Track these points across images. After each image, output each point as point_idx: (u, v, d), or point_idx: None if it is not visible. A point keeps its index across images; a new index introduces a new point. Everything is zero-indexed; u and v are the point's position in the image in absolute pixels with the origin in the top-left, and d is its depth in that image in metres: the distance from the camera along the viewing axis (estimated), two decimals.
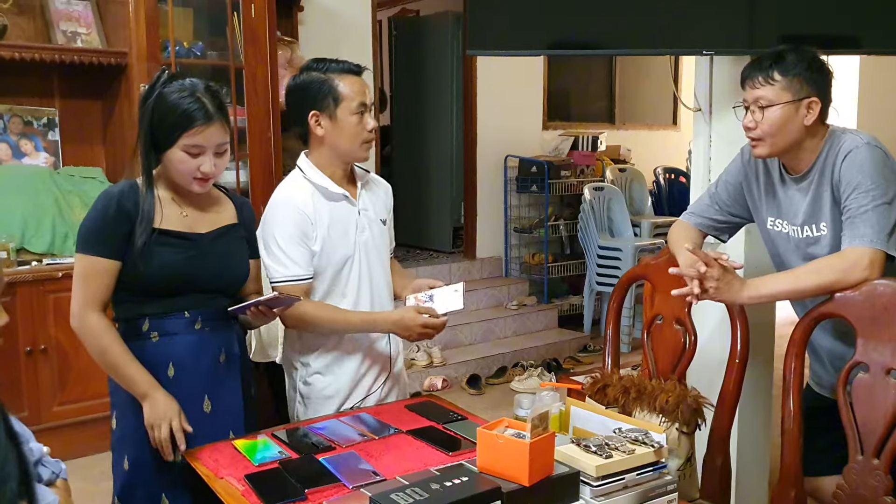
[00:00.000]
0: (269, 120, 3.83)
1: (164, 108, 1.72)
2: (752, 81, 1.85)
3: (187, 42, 3.72)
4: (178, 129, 1.71)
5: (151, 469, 1.77)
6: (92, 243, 1.74)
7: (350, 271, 2.05)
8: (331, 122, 1.99)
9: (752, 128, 1.85)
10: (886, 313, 1.66)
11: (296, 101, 2.04)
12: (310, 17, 4.64)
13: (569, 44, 2.62)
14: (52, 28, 3.59)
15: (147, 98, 1.74)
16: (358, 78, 2.01)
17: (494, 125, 5.78)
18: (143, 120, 1.74)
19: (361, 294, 2.07)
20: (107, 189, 1.81)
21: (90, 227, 1.75)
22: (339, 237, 2.03)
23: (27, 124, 3.65)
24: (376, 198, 2.15)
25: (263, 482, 1.56)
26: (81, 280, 1.75)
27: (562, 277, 5.86)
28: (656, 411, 1.72)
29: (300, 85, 2.02)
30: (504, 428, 1.44)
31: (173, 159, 1.74)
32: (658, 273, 2.10)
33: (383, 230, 2.14)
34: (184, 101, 1.71)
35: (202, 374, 1.81)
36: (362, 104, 1.99)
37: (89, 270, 1.74)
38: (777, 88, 1.81)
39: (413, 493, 1.30)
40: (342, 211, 2.04)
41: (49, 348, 3.33)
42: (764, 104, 1.82)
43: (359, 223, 2.06)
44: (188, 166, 1.74)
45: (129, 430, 1.78)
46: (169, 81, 1.74)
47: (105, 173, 3.77)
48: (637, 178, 6.24)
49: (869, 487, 1.65)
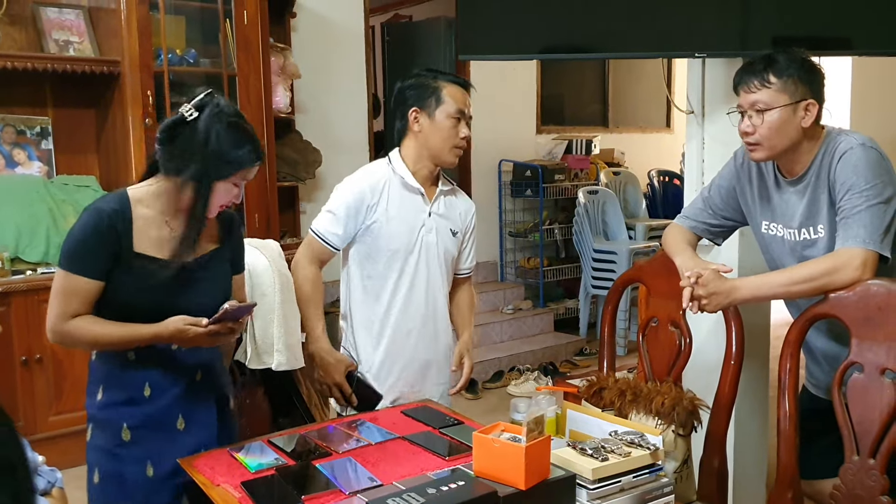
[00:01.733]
0: (262, 127, 3.83)
1: (229, 141, 1.70)
2: (746, 86, 1.84)
3: (180, 50, 3.72)
4: (239, 166, 1.73)
5: (121, 484, 1.75)
6: (75, 261, 1.68)
7: (405, 265, 2.16)
8: (429, 121, 2.13)
9: (751, 132, 1.84)
10: (880, 313, 1.66)
11: (402, 97, 2.18)
12: (302, 24, 4.65)
13: (561, 47, 2.63)
14: (44, 37, 3.59)
15: (208, 125, 1.69)
16: (461, 89, 2.15)
17: (488, 130, 5.77)
18: (197, 145, 1.69)
19: (415, 292, 2.18)
20: (96, 204, 1.73)
21: (75, 242, 1.69)
22: (402, 226, 2.15)
23: (20, 134, 3.64)
24: (453, 209, 2.25)
25: (260, 489, 1.55)
26: (60, 296, 1.69)
27: (557, 281, 5.86)
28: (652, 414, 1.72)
29: (410, 84, 2.17)
30: (500, 432, 1.44)
31: (220, 189, 1.73)
32: (653, 276, 2.11)
33: (453, 241, 2.24)
34: (246, 137, 1.73)
35: (178, 393, 1.78)
36: (460, 111, 2.12)
37: (69, 288, 1.68)
38: (773, 91, 1.81)
39: (410, 498, 1.30)
40: (413, 204, 2.16)
41: (44, 358, 3.33)
42: (762, 108, 1.82)
43: (426, 223, 2.17)
44: (229, 196, 1.76)
45: (99, 443, 1.77)
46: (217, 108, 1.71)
47: (99, 182, 3.76)
48: (631, 181, 6.26)
49: (865, 487, 1.66)
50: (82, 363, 3.40)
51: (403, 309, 2.17)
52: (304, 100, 4.65)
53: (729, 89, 2.53)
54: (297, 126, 4.52)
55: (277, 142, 4.07)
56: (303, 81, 4.50)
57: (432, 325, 2.22)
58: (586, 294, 5.51)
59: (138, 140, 3.51)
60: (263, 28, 3.81)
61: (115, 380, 1.76)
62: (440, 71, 2.18)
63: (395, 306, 2.17)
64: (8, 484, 0.64)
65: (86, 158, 3.85)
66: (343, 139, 4.88)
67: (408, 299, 2.17)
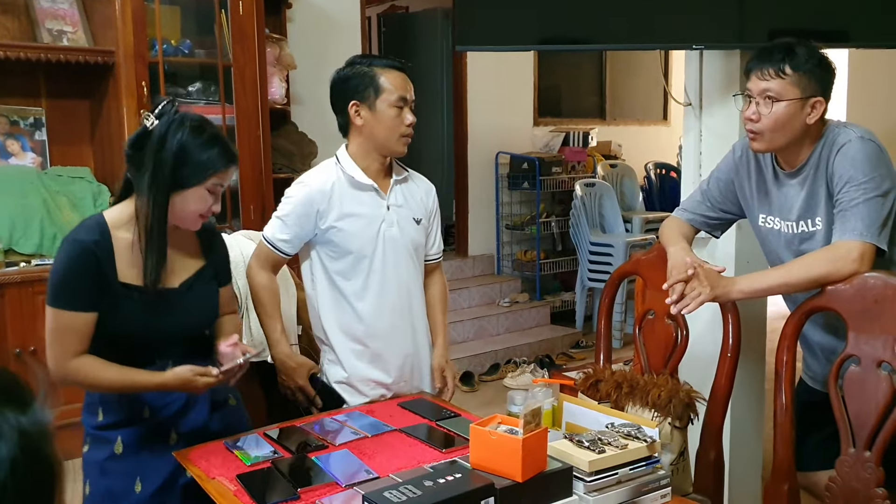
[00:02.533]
0: (257, 118, 3.81)
1: (194, 147, 1.65)
2: (760, 73, 1.81)
3: (175, 40, 3.69)
4: (211, 169, 1.67)
5: (108, 500, 1.74)
6: (62, 297, 1.64)
7: (372, 264, 2.08)
8: (370, 113, 2.02)
9: (756, 120, 1.82)
10: (877, 306, 1.66)
11: (338, 92, 2.07)
12: (298, 15, 4.63)
13: (558, 39, 2.61)
14: (37, 27, 3.56)
15: (165, 134, 1.64)
16: (400, 73, 2.04)
17: (485, 122, 5.77)
18: (162, 159, 1.64)
19: (386, 290, 2.10)
20: (75, 235, 1.67)
21: (59, 279, 1.64)
22: (360, 226, 2.06)
23: (13, 124, 3.62)
24: (412, 196, 2.16)
25: (256, 482, 1.55)
26: (56, 335, 1.64)
27: (554, 274, 5.86)
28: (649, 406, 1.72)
29: (344, 77, 2.06)
30: (497, 424, 1.44)
31: (191, 198, 1.67)
32: (649, 268, 2.10)
33: (418, 229, 2.15)
34: (213, 141, 1.68)
35: (173, 411, 1.77)
36: (402, 98, 2.02)
37: (62, 325, 1.64)
38: (786, 83, 1.78)
39: (406, 490, 1.29)
40: (368, 202, 2.08)
41: (39, 350, 3.31)
42: (772, 96, 1.79)
43: (386, 217, 2.09)
44: (205, 205, 1.70)
45: (93, 456, 1.76)
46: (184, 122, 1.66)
47: (93, 173, 3.74)
48: (628, 173, 6.25)
49: (861, 479, 1.66)
50: None
51: (377, 307, 2.09)
52: (299, 91, 4.63)
53: (726, 81, 2.54)
54: (293, 117, 4.50)
55: (273, 133, 4.05)
56: (298, 72, 4.48)
57: (409, 320, 2.15)
58: (583, 287, 5.51)
59: (133, 131, 3.49)
60: (259, 18, 3.79)
61: (115, 404, 1.75)
62: (374, 56, 2.06)
63: (367, 306, 2.09)
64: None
65: (80, 149, 3.83)
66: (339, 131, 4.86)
67: (379, 298, 2.09)
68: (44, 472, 0.61)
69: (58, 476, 0.62)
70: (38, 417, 0.62)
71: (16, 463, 0.58)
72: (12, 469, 0.58)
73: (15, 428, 0.59)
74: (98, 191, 3.64)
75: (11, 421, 0.59)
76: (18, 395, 0.62)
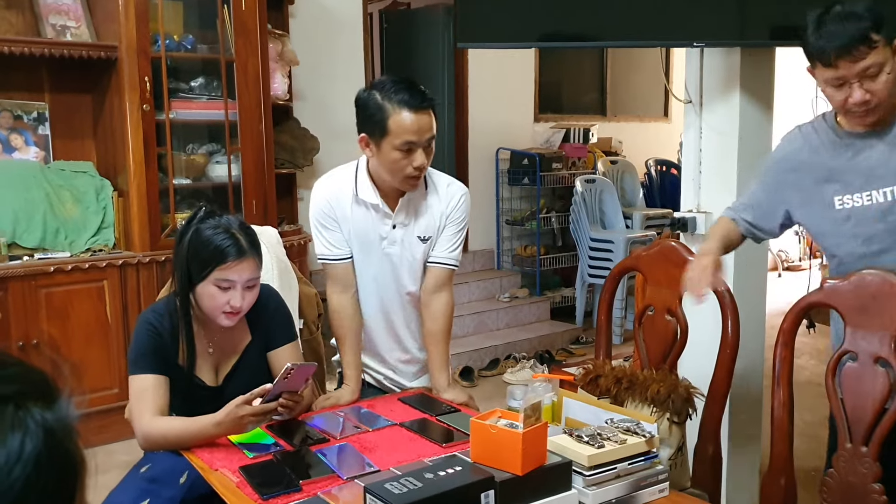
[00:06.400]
0: (259, 113, 3.82)
1: (199, 242, 1.76)
2: (851, 55, 1.64)
3: (177, 35, 3.70)
4: (212, 264, 1.75)
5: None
6: (139, 364, 1.80)
7: (369, 282, 2.09)
8: (377, 150, 1.94)
9: (868, 100, 1.68)
10: (875, 302, 1.67)
11: (357, 113, 1.98)
12: (300, 11, 4.63)
13: (559, 36, 2.62)
14: (41, 22, 3.57)
15: (184, 234, 1.78)
16: (412, 114, 1.88)
17: (486, 118, 5.77)
18: (179, 254, 1.79)
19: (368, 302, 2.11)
20: (146, 315, 1.86)
21: (135, 351, 1.82)
22: (360, 243, 2.06)
23: (17, 119, 3.63)
24: (425, 211, 2.07)
25: (258, 474, 1.56)
26: (137, 398, 1.79)
27: (554, 270, 5.87)
28: (648, 401, 1.73)
29: (362, 102, 1.95)
30: (497, 419, 1.45)
31: (204, 293, 1.78)
32: (649, 264, 2.11)
33: (422, 247, 2.08)
34: (217, 236, 1.76)
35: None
36: (409, 143, 1.89)
37: (141, 387, 1.78)
38: (880, 49, 1.65)
39: (407, 482, 1.31)
40: (368, 218, 2.04)
41: (41, 343, 3.33)
42: (875, 72, 1.65)
43: (389, 236, 2.05)
44: (218, 301, 1.77)
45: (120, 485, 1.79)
46: (205, 218, 1.79)
47: (96, 167, 3.76)
48: (628, 170, 6.25)
49: (858, 475, 1.67)
50: (79, 348, 3.42)
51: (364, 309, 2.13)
52: (302, 87, 4.64)
53: (726, 78, 2.55)
54: (295, 113, 4.51)
55: (275, 129, 4.07)
56: (301, 68, 4.49)
57: (393, 333, 2.16)
58: (583, 283, 5.52)
59: (136, 126, 3.50)
60: (261, 14, 3.80)
61: (161, 462, 1.77)
62: (401, 84, 1.91)
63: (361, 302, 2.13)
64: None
65: (83, 144, 3.84)
66: (341, 126, 4.82)
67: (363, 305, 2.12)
68: (67, 468, 0.62)
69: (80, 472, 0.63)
70: (63, 413, 0.63)
71: (40, 459, 0.59)
72: (36, 465, 0.59)
73: (40, 424, 0.60)
74: (101, 185, 3.65)
75: (37, 417, 0.60)
76: (45, 390, 0.63)
